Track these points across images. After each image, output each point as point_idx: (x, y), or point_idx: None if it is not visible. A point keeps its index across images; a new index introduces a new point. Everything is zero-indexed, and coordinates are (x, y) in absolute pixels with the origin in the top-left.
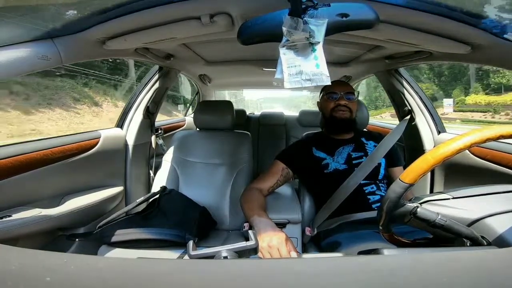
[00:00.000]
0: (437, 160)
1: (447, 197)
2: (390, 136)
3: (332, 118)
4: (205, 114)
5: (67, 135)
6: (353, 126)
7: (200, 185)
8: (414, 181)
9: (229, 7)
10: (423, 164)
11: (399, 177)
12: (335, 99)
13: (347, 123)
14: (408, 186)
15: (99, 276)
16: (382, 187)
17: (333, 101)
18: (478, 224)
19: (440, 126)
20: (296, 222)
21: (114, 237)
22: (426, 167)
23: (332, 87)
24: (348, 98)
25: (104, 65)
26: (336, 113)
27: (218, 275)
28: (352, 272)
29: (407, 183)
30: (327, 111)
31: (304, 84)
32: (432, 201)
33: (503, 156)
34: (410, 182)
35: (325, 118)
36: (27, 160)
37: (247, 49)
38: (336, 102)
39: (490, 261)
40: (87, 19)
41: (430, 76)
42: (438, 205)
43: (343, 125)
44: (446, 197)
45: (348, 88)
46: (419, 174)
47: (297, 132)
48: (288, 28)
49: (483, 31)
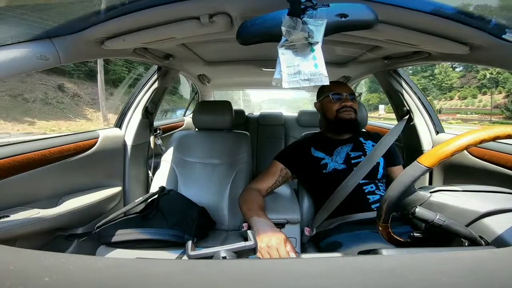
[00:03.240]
0: (460, 147)
1: (458, 189)
2: (388, 136)
3: (338, 119)
4: (204, 114)
5: (66, 135)
6: (357, 126)
7: (199, 185)
8: (434, 165)
9: (228, 7)
10: (445, 149)
11: (417, 160)
12: (340, 100)
13: (353, 123)
14: (427, 170)
15: (97, 276)
16: (381, 187)
17: (338, 103)
18: (477, 224)
19: (439, 126)
20: (295, 222)
21: (112, 237)
22: (448, 152)
23: (336, 88)
24: (351, 98)
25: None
26: (342, 114)
27: (217, 276)
28: (351, 272)
29: (426, 166)
30: (332, 112)
31: (303, 84)
32: (443, 191)
33: (500, 156)
34: (430, 165)
35: (328, 120)
36: (25, 160)
37: (246, 49)
38: (342, 104)
39: (488, 261)
40: (86, 19)
41: (376, 87)
42: (449, 195)
43: (350, 126)
44: (457, 188)
45: (350, 89)
46: (441, 158)
47: (296, 132)
48: (287, 28)
49: (482, 32)
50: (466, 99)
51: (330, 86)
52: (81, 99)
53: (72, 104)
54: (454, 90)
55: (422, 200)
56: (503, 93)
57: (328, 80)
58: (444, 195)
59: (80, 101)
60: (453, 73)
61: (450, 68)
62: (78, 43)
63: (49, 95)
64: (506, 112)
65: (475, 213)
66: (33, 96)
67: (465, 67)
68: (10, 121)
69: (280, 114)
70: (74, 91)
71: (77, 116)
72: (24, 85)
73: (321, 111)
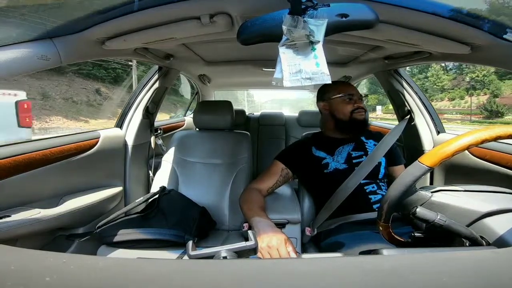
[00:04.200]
0: (461, 147)
1: (459, 189)
2: (389, 136)
3: (352, 120)
4: (204, 114)
5: (67, 135)
6: (368, 126)
7: (200, 185)
8: (435, 165)
9: (228, 7)
10: (446, 149)
11: (418, 160)
12: (353, 101)
13: (366, 124)
14: (428, 170)
15: (98, 276)
16: (383, 187)
17: (351, 103)
18: (478, 224)
19: (440, 126)
20: (295, 222)
21: (113, 237)
22: (449, 152)
23: (348, 89)
24: (361, 99)
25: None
26: (356, 114)
27: (218, 275)
28: (351, 272)
29: (428, 166)
30: (345, 113)
31: (304, 82)
32: (444, 191)
33: (501, 156)
34: (431, 165)
35: (338, 120)
36: (26, 160)
37: (247, 49)
38: (356, 105)
39: (489, 261)
40: (87, 19)
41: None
42: (450, 195)
43: (363, 126)
44: (458, 188)
45: (358, 91)
46: (442, 158)
47: (296, 132)
48: (288, 27)
49: (483, 32)
50: (454, 100)
51: (341, 86)
52: (113, 101)
53: (108, 105)
54: (445, 91)
55: (423, 200)
56: (487, 95)
57: (330, 78)
58: (445, 195)
59: (113, 103)
60: (444, 76)
61: (441, 71)
62: (79, 43)
63: (91, 98)
64: (485, 112)
65: (476, 213)
66: (79, 99)
67: (456, 70)
68: (70, 119)
69: (280, 114)
70: (107, 94)
71: (114, 115)
72: (72, 89)
73: (329, 111)
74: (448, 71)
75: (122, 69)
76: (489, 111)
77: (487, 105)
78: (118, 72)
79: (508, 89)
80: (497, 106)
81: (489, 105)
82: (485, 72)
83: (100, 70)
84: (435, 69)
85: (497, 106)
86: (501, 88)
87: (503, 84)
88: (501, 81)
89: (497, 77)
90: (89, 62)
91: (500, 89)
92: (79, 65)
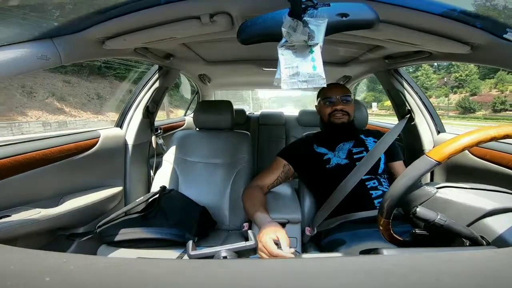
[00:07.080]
0: (471, 142)
1: (465, 186)
2: (389, 134)
3: (330, 123)
4: (204, 114)
5: (66, 135)
6: (352, 128)
7: (200, 184)
8: (443, 160)
9: (229, 6)
10: (455, 144)
11: (426, 154)
12: (332, 104)
13: (346, 127)
14: (436, 164)
15: (98, 276)
16: (383, 182)
17: (330, 106)
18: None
19: (440, 126)
20: (296, 221)
21: (113, 237)
22: (458, 148)
23: (327, 91)
24: (344, 101)
25: None
26: (333, 118)
27: (218, 275)
28: (352, 272)
29: (436, 160)
30: (325, 116)
31: (301, 85)
32: (450, 187)
33: (502, 156)
34: (439, 160)
35: (323, 123)
36: (26, 160)
37: (247, 49)
38: (333, 107)
39: (489, 261)
40: (87, 18)
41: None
42: (456, 191)
43: (342, 130)
44: (464, 186)
45: (344, 91)
46: (451, 153)
47: (296, 132)
48: (287, 29)
49: (483, 31)
50: (439, 98)
51: (325, 89)
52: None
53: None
54: (434, 90)
55: (428, 195)
56: (468, 93)
57: (325, 82)
58: (450, 191)
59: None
60: (433, 75)
61: (431, 71)
62: (79, 43)
63: (126, 96)
64: (460, 108)
65: (480, 210)
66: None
67: (446, 70)
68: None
69: (280, 114)
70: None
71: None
72: (113, 90)
73: (319, 113)
74: (438, 70)
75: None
76: (463, 107)
77: (461, 103)
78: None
79: (486, 88)
80: (469, 103)
81: (463, 102)
82: (467, 72)
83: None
84: (425, 68)
85: (470, 103)
86: (479, 87)
87: (483, 83)
88: (482, 81)
89: (478, 76)
90: (123, 67)
91: (478, 88)
92: (116, 69)
